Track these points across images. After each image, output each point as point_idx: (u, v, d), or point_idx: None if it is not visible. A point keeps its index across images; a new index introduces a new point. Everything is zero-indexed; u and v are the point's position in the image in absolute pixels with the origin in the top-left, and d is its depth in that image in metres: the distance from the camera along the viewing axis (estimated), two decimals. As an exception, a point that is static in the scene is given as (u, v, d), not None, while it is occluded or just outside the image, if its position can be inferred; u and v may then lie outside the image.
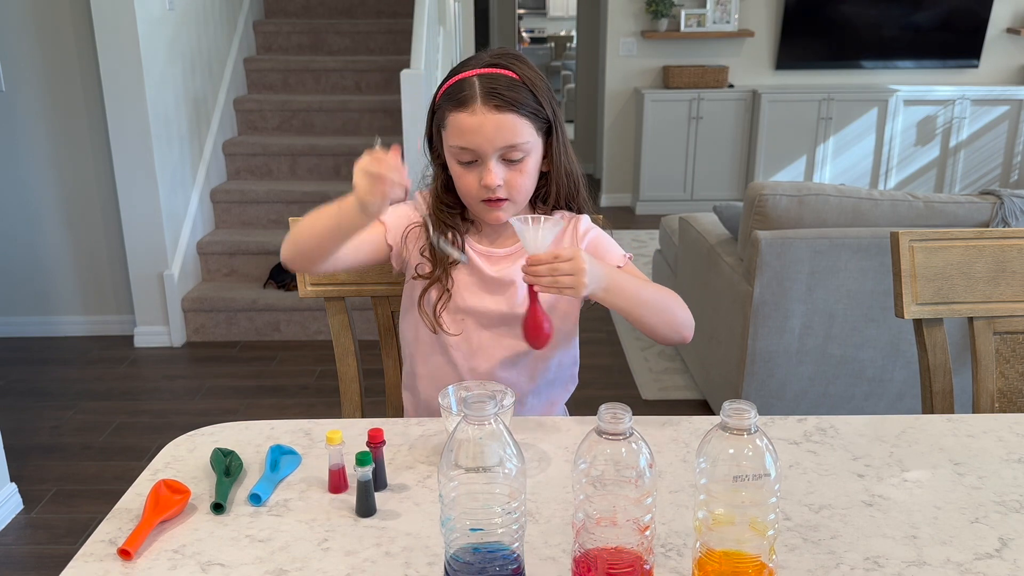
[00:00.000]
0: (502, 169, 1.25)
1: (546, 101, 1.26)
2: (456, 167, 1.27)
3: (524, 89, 1.24)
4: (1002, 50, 5.54)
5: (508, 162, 1.25)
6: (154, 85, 3.36)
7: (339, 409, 1.54)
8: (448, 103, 1.25)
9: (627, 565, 0.82)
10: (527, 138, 1.24)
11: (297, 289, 1.81)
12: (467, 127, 1.22)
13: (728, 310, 2.63)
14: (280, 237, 1.34)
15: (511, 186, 1.26)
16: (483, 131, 1.22)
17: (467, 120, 1.22)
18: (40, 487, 2.52)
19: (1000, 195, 2.43)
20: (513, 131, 1.23)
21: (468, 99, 1.22)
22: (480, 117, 1.22)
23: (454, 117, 1.24)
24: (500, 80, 1.23)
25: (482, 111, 1.22)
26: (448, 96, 1.25)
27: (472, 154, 1.24)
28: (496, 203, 1.27)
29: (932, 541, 0.94)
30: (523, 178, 1.27)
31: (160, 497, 0.98)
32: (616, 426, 0.79)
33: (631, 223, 5.39)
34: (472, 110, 1.22)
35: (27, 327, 3.65)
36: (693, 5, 5.40)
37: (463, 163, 1.26)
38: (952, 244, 1.42)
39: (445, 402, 1.07)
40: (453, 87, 1.25)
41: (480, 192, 1.26)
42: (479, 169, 1.25)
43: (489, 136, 1.22)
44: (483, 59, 1.27)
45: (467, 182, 1.27)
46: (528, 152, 1.26)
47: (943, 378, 1.43)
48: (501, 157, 1.24)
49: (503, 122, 1.22)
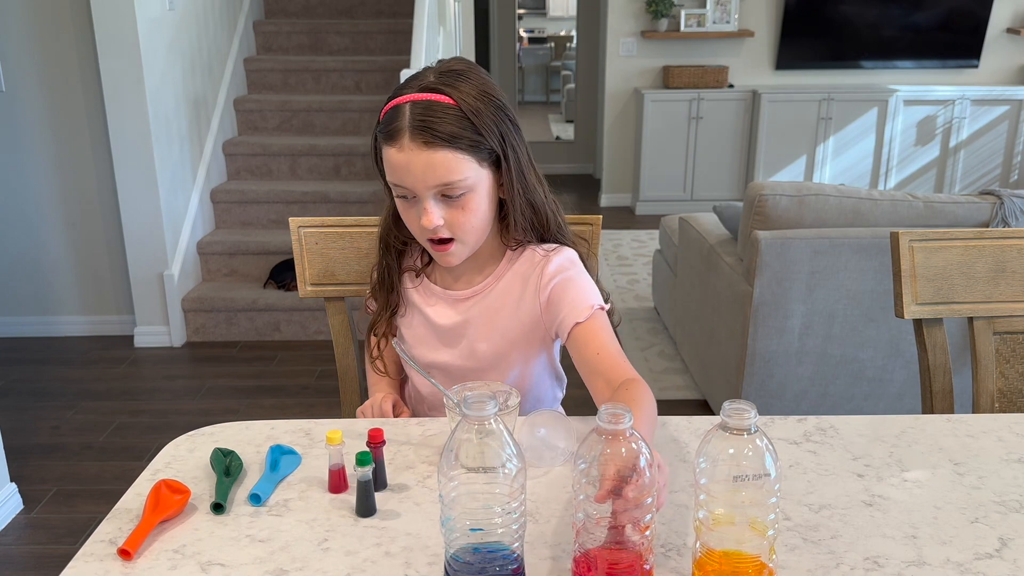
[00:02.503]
0: (441, 208, 1.13)
1: (489, 128, 1.12)
2: (398, 202, 1.17)
3: (461, 119, 1.10)
4: (1002, 50, 5.54)
5: (448, 199, 1.13)
6: (154, 85, 3.36)
7: (339, 409, 1.54)
8: (381, 133, 1.14)
9: (627, 565, 0.82)
10: (465, 174, 1.11)
11: (297, 289, 1.81)
12: (396, 164, 1.11)
13: (728, 310, 2.63)
14: (280, 237, 1.35)
15: (454, 226, 1.14)
16: (412, 170, 1.10)
17: (396, 156, 1.10)
18: (40, 487, 2.52)
19: (1000, 195, 2.43)
20: (446, 169, 1.10)
21: (396, 132, 1.10)
22: (407, 154, 1.09)
23: (386, 151, 1.12)
24: (433, 110, 1.09)
25: (410, 148, 1.09)
26: (382, 125, 1.13)
27: (406, 191, 1.13)
28: (442, 245, 1.16)
29: (932, 541, 0.94)
30: (467, 216, 1.14)
31: (160, 497, 0.98)
32: (616, 426, 0.79)
33: (631, 223, 5.39)
34: (400, 146, 1.10)
35: (27, 327, 3.65)
36: (693, 5, 5.40)
37: (400, 198, 1.16)
38: (952, 244, 1.42)
39: (448, 402, 1.07)
40: (387, 115, 1.13)
41: (423, 232, 1.16)
42: (417, 206, 1.14)
43: (418, 176, 1.10)
44: (423, 80, 1.13)
45: (409, 218, 1.17)
46: (470, 188, 1.12)
47: (943, 378, 1.43)
48: (439, 194, 1.12)
49: (434, 160, 1.09)
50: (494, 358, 1.25)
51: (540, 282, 1.21)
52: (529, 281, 1.22)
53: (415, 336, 1.29)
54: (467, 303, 1.25)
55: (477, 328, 1.25)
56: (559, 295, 1.20)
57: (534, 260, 1.23)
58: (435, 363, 1.28)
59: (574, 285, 1.20)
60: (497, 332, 1.24)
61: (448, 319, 1.26)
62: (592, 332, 1.17)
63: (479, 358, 1.26)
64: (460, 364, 1.27)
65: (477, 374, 1.25)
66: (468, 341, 1.25)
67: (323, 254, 1.47)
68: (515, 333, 1.24)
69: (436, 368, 1.28)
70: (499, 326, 1.24)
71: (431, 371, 1.26)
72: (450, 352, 1.27)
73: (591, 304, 1.19)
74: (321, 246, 1.47)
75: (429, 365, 1.28)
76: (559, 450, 1.08)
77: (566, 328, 1.18)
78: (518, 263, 1.24)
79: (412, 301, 1.29)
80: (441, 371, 1.28)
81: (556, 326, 1.21)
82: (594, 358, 1.15)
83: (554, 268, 1.21)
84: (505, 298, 1.24)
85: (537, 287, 1.22)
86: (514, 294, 1.24)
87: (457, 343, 1.26)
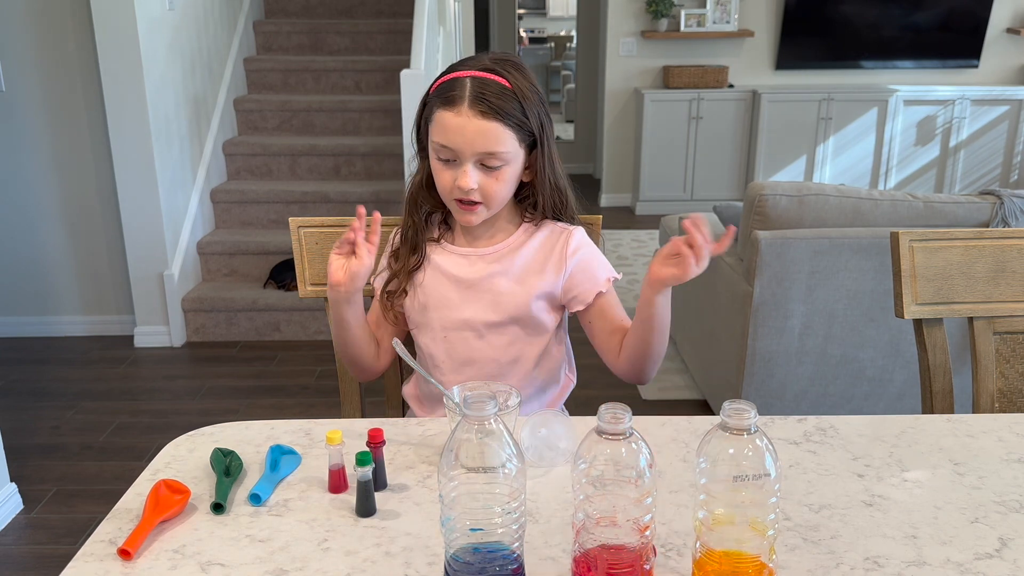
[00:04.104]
0: (478, 174, 1.26)
1: (533, 114, 1.27)
2: (436, 162, 1.29)
3: (513, 99, 1.25)
4: (1002, 50, 5.54)
5: (486, 168, 1.26)
6: (154, 85, 3.36)
7: (339, 409, 1.54)
8: (437, 99, 1.26)
9: (627, 565, 0.82)
10: (508, 148, 1.25)
11: (297, 289, 1.81)
12: (450, 126, 1.24)
13: (728, 310, 2.63)
14: (280, 237, 1.37)
15: (485, 192, 1.27)
16: (464, 133, 1.23)
17: (451, 120, 1.23)
18: (40, 487, 2.52)
19: (1000, 195, 2.43)
20: (495, 139, 1.24)
21: (456, 99, 1.23)
22: (464, 119, 1.23)
23: (440, 114, 1.25)
24: (491, 86, 1.24)
25: (467, 114, 1.23)
26: (439, 92, 1.27)
27: (451, 153, 1.25)
28: (469, 206, 1.29)
29: (932, 541, 0.94)
30: (498, 185, 1.27)
31: (160, 497, 0.98)
32: (616, 426, 0.79)
33: (631, 223, 5.39)
34: (458, 111, 1.23)
35: (27, 327, 3.65)
36: (693, 5, 5.40)
37: (442, 160, 1.27)
38: (952, 244, 1.42)
39: (449, 402, 1.07)
40: (445, 84, 1.26)
41: (454, 191, 1.28)
42: (456, 169, 1.26)
43: (469, 139, 1.23)
44: (481, 62, 1.28)
45: (444, 179, 1.28)
46: (507, 162, 1.27)
47: (943, 378, 1.43)
48: (479, 162, 1.25)
49: (485, 129, 1.23)
50: (516, 308, 1.32)
51: (566, 251, 1.34)
52: (554, 251, 1.35)
53: (439, 298, 1.34)
54: (491, 257, 1.35)
55: (502, 279, 1.33)
56: (583, 265, 1.34)
57: (556, 231, 1.37)
58: (459, 320, 1.34)
59: (595, 257, 1.37)
60: (522, 286, 1.33)
61: (473, 273, 1.34)
62: (614, 299, 1.36)
63: (503, 309, 1.32)
64: (483, 318, 1.33)
65: (499, 329, 1.33)
66: (493, 294, 1.33)
67: (323, 254, 1.47)
68: (538, 291, 1.34)
69: (460, 326, 1.34)
70: (524, 281, 1.34)
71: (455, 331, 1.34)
72: (473, 307, 1.33)
73: (607, 277, 1.35)
74: (321, 246, 1.47)
75: (453, 324, 1.34)
76: (560, 450, 1.09)
77: (590, 296, 1.33)
78: (540, 232, 1.36)
79: (436, 264, 1.36)
80: (465, 328, 1.34)
81: (576, 294, 1.34)
82: (621, 319, 1.34)
83: (576, 242, 1.35)
84: (530, 260, 1.35)
85: (563, 256, 1.34)
86: (539, 259, 1.35)
87: (482, 296, 1.33)
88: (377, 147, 4.07)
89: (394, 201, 3.73)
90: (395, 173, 4.01)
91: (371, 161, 4.09)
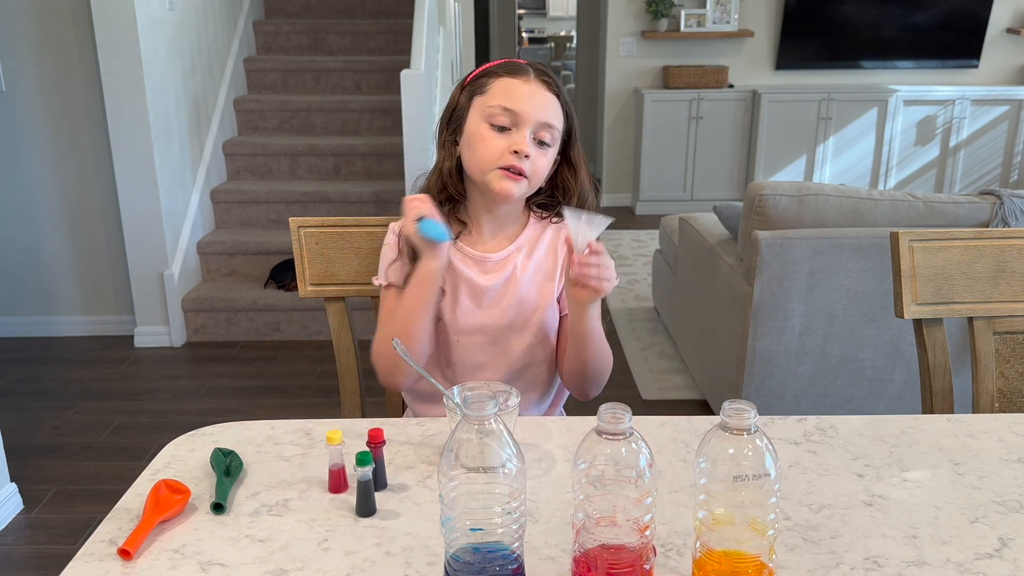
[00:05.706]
0: (530, 146, 1.28)
1: (569, 115, 1.32)
2: (485, 130, 1.28)
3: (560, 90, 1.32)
4: (1002, 50, 5.54)
5: (537, 143, 1.28)
6: (154, 85, 3.36)
7: (339, 409, 1.54)
8: (499, 70, 1.30)
9: (627, 565, 0.82)
10: (559, 126, 1.30)
11: (297, 289, 1.81)
12: (518, 92, 1.27)
13: (728, 310, 2.63)
14: (280, 237, 1.36)
15: (533, 166, 1.28)
16: (532, 99, 1.27)
17: (520, 86, 1.28)
18: (40, 487, 2.52)
19: (1000, 195, 2.43)
20: (554, 112, 1.29)
21: (523, 70, 1.29)
22: (532, 87, 1.28)
23: (505, 81, 1.28)
24: (547, 74, 1.31)
25: (535, 83, 1.28)
26: (500, 66, 1.31)
27: (512, 117, 1.26)
28: (515, 176, 1.27)
29: (932, 541, 0.94)
30: (543, 163, 1.30)
31: (160, 497, 0.98)
32: (616, 426, 0.79)
33: (631, 223, 5.39)
34: (526, 79, 1.28)
35: (27, 327, 3.65)
36: (693, 5, 5.40)
37: (496, 127, 1.27)
38: (952, 244, 1.42)
39: (449, 402, 1.07)
40: (504, 63, 1.31)
41: (503, 157, 1.26)
42: (509, 137, 1.27)
43: (536, 105, 1.27)
44: None
45: (494, 145, 1.27)
46: (554, 141, 1.30)
47: (943, 378, 1.43)
48: (534, 134, 1.27)
49: (549, 100, 1.29)
50: (533, 316, 1.33)
51: None
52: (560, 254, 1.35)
53: (453, 301, 1.33)
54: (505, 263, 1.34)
55: (518, 287, 1.33)
56: None
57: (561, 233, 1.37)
58: (476, 325, 1.33)
59: None
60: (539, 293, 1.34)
61: (491, 280, 1.33)
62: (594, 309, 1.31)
63: (521, 316, 1.33)
64: (497, 324, 1.33)
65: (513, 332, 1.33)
66: (509, 300, 1.33)
67: (323, 254, 1.47)
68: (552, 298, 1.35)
69: (476, 331, 1.33)
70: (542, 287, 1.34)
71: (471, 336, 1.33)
72: (490, 313, 1.33)
73: None
74: (321, 246, 1.47)
75: (468, 328, 1.33)
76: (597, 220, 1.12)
77: None
78: (548, 233, 1.37)
79: (453, 267, 1.33)
80: (480, 333, 1.33)
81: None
82: None
83: None
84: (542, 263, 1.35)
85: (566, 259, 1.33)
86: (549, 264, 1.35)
87: (499, 303, 1.33)
88: (377, 147, 4.07)
89: (394, 201, 3.73)
90: (395, 173, 4.01)
91: (371, 161, 4.09)
